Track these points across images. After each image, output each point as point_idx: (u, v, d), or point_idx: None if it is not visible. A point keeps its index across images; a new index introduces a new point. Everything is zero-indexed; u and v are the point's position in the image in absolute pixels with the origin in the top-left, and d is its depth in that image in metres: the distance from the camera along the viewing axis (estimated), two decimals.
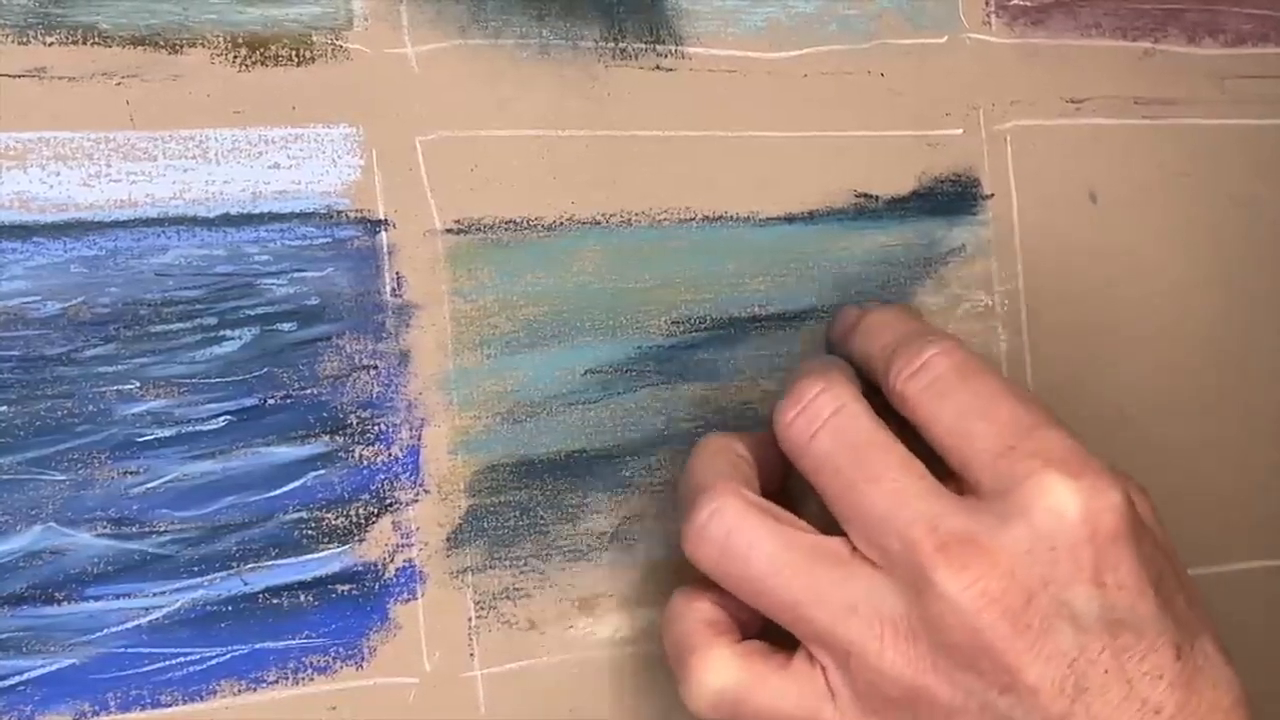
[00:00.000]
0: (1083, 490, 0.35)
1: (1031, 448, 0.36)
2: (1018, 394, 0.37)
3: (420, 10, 0.40)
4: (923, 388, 0.37)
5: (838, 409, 0.37)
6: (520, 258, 0.41)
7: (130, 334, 0.37)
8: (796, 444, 0.37)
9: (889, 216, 0.45)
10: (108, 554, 0.36)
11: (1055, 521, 0.35)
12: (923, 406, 0.37)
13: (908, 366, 0.37)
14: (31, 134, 0.36)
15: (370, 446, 0.39)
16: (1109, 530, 0.35)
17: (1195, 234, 0.49)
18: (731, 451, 0.39)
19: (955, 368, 0.37)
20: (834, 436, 0.37)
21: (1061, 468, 0.35)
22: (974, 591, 0.34)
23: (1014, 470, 0.35)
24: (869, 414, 0.37)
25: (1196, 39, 0.50)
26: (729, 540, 0.36)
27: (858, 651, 0.35)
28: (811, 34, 0.45)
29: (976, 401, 0.37)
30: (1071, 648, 0.34)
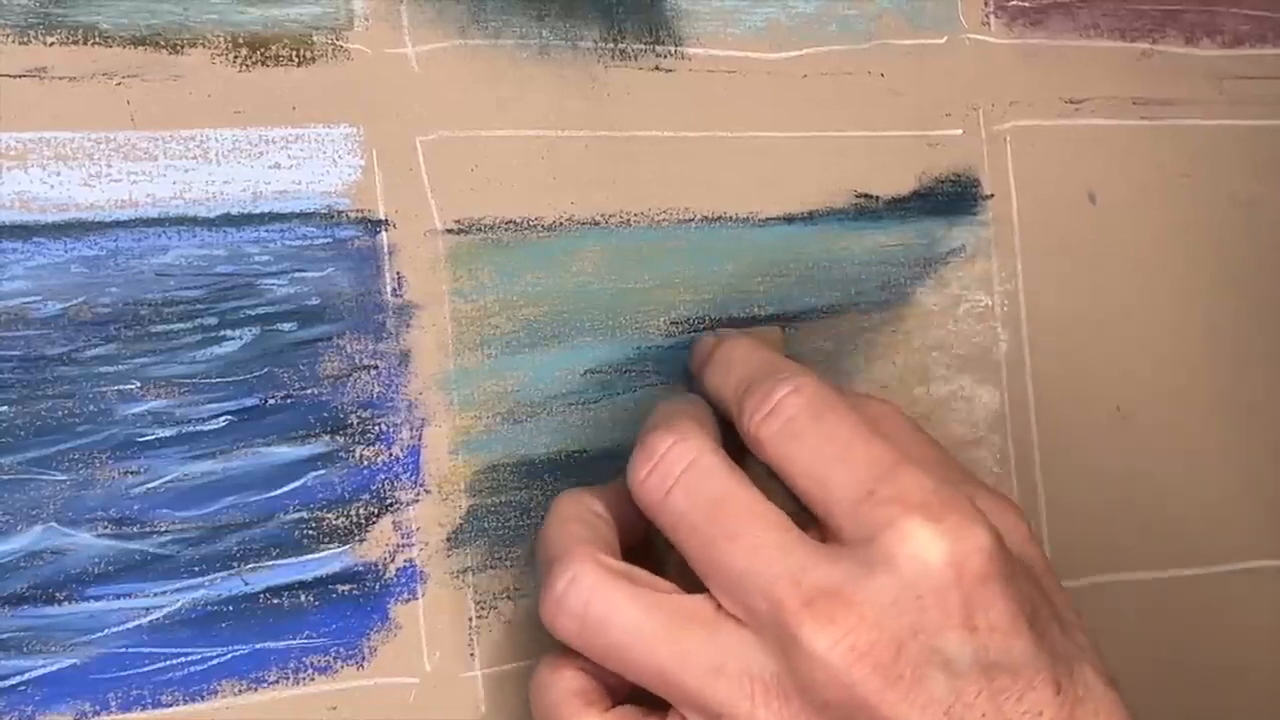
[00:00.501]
0: (946, 534, 0.34)
1: (890, 492, 0.35)
2: (875, 431, 0.36)
3: (420, 10, 0.40)
4: (775, 431, 0.36)
5: (690, 463, 0.36)
6: (520, 258, 0.41)
7: (131, 334, 0.37)
8: (651, 502, 0.36)
9: (889, 216, 0.45)
10: (108, 554, 0.36)
11: (920, 568, 0.34)
12: (777, 451, 0.36)
13: (760, 409, 0.36)
14: (32, 134, 0.36)
15: (371, 446, 0.39)
16: (976, 572, 0.34)
17: (1194, 234, 0.49)
18: (588, 511, 0.37)
19: (808, 407, 0.36)
20: (688, 493, 0.35)
21: (923, 511, 0.34)
22: (842, 647, 0.33)
23: (874, 517, 0.34)
24: (724, 466, 0.36)
25: (1195, 40, 0.50)
26: (587, 610, 0.35)
27: (728, 713, 0.34)
28: (811, 34, 0.45)
29: (831, 443, 0.36)
30: (946, 695, 0.33)
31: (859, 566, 0.34)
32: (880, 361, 0.45)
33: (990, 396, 0.46)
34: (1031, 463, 0.46)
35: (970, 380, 0.46)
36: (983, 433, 0.46)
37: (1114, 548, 0.47)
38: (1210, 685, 0.48)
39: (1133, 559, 0.47)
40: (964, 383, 0.46)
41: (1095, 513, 0.47)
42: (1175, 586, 0.48)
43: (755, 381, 0.37)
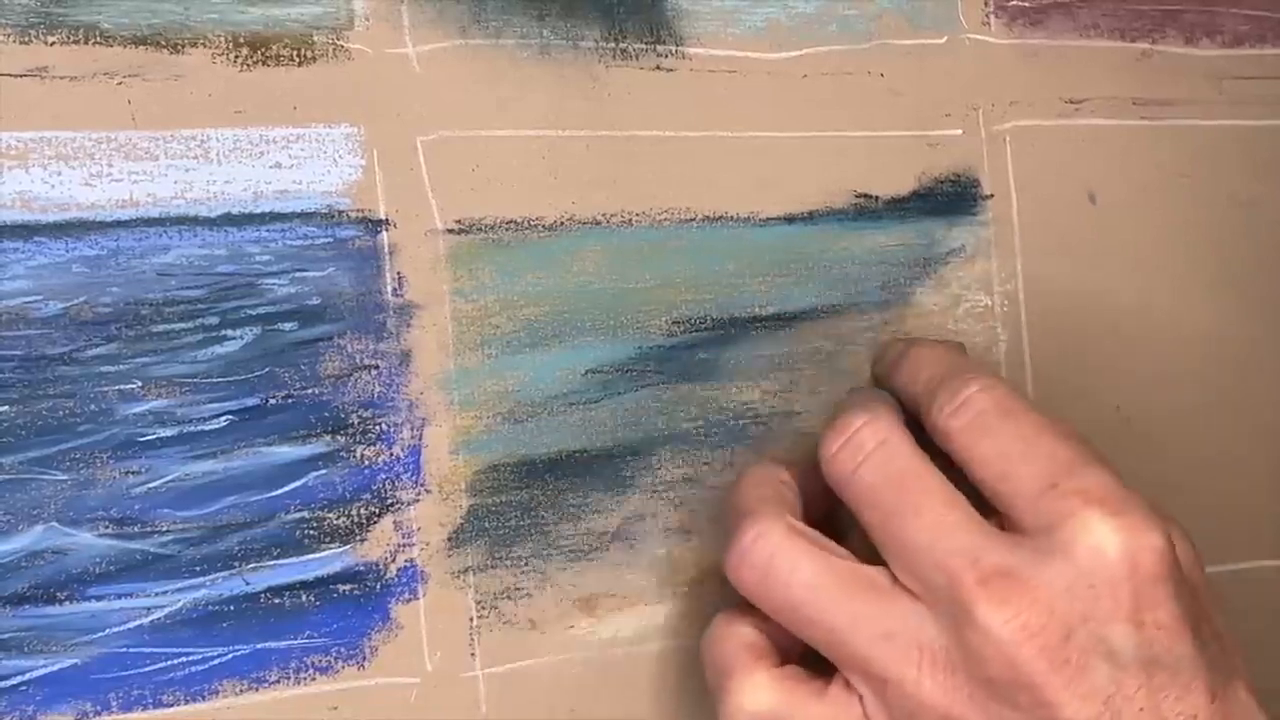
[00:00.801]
0: (1123, 529, 0.35)
1: (1073, 486, 0.36)
2: (1059, 431, 0.37)
3: (421, 10, 0.40)
4: (964, 424, 0.37)
5: (881, 442, 0.37)
6: (521, 258, 0.41)
7: (132, 334, 0.37)
8: (840, 475, 0.38)
9: (889, 216, 0.45)
10: (109, 554, 0.36)
11: (1095, 559, 0.35)
12: (964, 443, 0.37)
13: (950, 402, 0.38)
14: (33, 133, 0.36)
15: (371, 446, 0.39)
16: (1148, 570, 0.35)
17: (1194, 234, 0.49)
18: (776, 479, 0.39)
19: (996, 405, 0.37)
20: (877, 469, 0.37)
21: (1103, 506, 0.35)
22: (1014, 625, 0.34)
23: (1055, 508, 0.35)
24: (913, 447, 0.37)
25: (1194, 40, 0.50)
26: (771, 564, 0.37)
27: (895, 679, 0.35)
28: (811, 34, 0.45)
29: (1018, 439, 0.37)
30: (1108, 685, 0.34)
31: (1036, 553, 0.35)
32: None
33: None
34: None
35: None
36: None
37: None
38: None
39: None
40: None
41: None
42: None
43: (946, 379, 0.38)
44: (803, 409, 0.44)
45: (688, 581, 0.42)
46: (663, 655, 0.42)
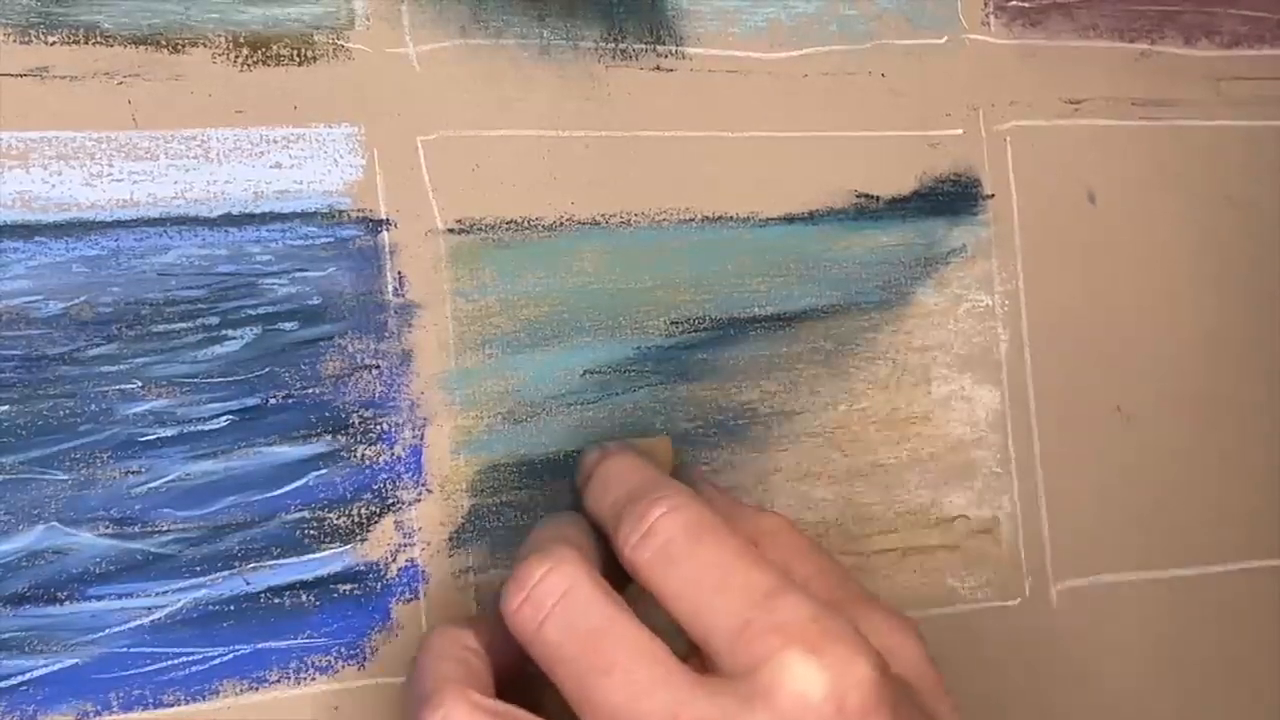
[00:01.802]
0: (826, 667, 0.32)
1: (769, 622, 0.33)
2: (753, 555, 0.34)
3: (421, 10, 0.40)
4: (651, 555, 0.34)
5: (564, 593, 0.34)
6: (521, 258, 0.41)
7: (132, 333, 0.37)
8: (524, 633, 0.34)
9: (889, 216, 0.45)
10: (110, 553, 0.36)
11: (800, 704, 0.32)
12: (653, 576, 0.34)
13: (635, 531, 0.35)
14: (34, 133, 0.36)
15: (372, 446, 0.39)
16: (857, 706, 0.32)
17: (1193, 234, 0.49)
18: (460, 647, 0.35)
19: (684, 529, 0.34)
20: (562, 625, 0.33)
21: (802, 644, 0.32)
22: None
23: (752, 649, 0.32)
24: (600, 595, 0.34)
25: (1193, 40, 0.50)
26: None
27: None
28: (812, 34, 0.45)
29: (708, 569, 0.34)
30: None
31: (738, 701, 0.32)
32: (880, 361, 0.45)
33: (990, 396, 0.46)
34: (1031, 463, 0.46)
35: (970, 380, 0.46)
36: (983, 432, 0.46)
37: (1114, 548, 0.47)
38: (1210, 685, 0.48)
39: (1133, 559, 0.47)
40: (964, 382, 0.46)
41: (1095, 513, 0.47)
42: (1175, 586, 0.48)
43: (631, 501, 0.35)
44: (802, 409, 0.44)
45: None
46: None
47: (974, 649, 0.45)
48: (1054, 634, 0.46)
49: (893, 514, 0.45)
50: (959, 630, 0.45)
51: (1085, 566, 0.47)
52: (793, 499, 0.43)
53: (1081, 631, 0.43)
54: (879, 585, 0.44)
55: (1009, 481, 0.46)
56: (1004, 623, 0.46)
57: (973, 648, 0.45)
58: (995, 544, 0.46)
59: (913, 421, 0.45)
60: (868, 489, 0.44)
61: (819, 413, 0.44)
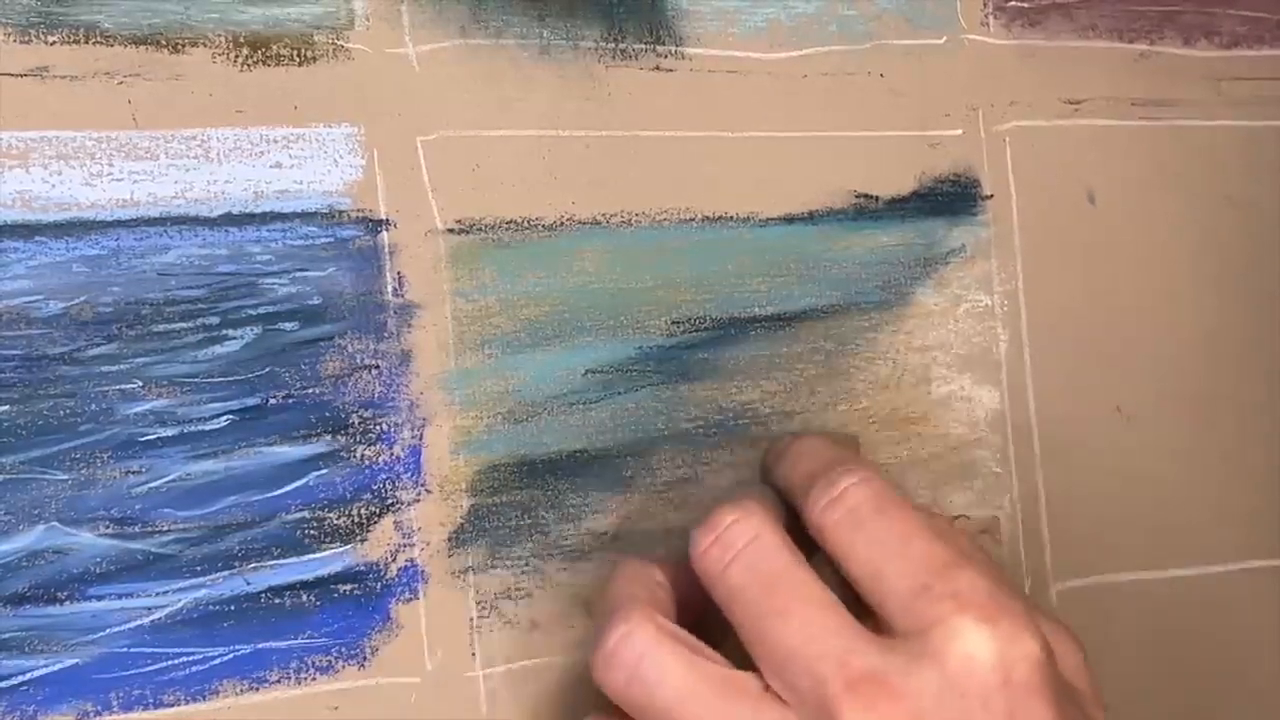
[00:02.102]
0: (998, 637, 0.34)
1: (946, 589, 0.34)
2: (936, 529, 0.36)
3: (421, 10, 0.40)
4: (838, 519, 0.36)
5: (752, 539, 0.36)
6: (521, 258, 0.41)
7: (132, 333, 0.37)
8: (710, 574, 0.36)
9: (889, 217, 0.45)
10: (110, 553, 0.36)
11: (967, 667, 0.33)
12: (838, 539, 0.36)
13: (824, 496, 0.36)
14: (34, 133, 0.36)
15: (372, 446, 0.39)
16: (1023, 681, 0.33)
17: (1192, 235, 0.49)
18: (649, 577, 0.37)
19: (872, 499, 0.36)
20: (747, 567, 0.35)
21: (977, 611, 0.34)
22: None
23: (928, 612, 0.34)
24: (784, 545, 0.36)
25: (1192, 41, 0.50)
26: (638, 667, 0.35)
27: None
28: (811, 35, 0.45)
29: (892, 536, 0.35)
30: None
31: (907, 657, 0.34)
32: (880, 361, 0.45)
33: (990, 396, 0.46)
34: (1031, 463, 0.46)
35: (970, 380, 0.46)
36: (983, 432, 0.46)
37: (1114, 548, 0.47)
38: (1210, 685, 0.48)
39: (1133, 559, 0.47)
40: (964, 383, 0.46)
41: (1095, 513, 0.47)
42: (1175, 586, 0.48)
43: (822, 472, 0.37)
44: (803, 409, 0.44)
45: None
46: None
47: None
48: None
49: None
50: None
51: (1085, 566, 0.47)
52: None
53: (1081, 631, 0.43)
54: None
55: (1009, 481, 0.46)
56: None
57: None
58: (995, 544, 0.46)
59: (913, 421, 0.45)
60: None
61: (819, 413, 0.44)
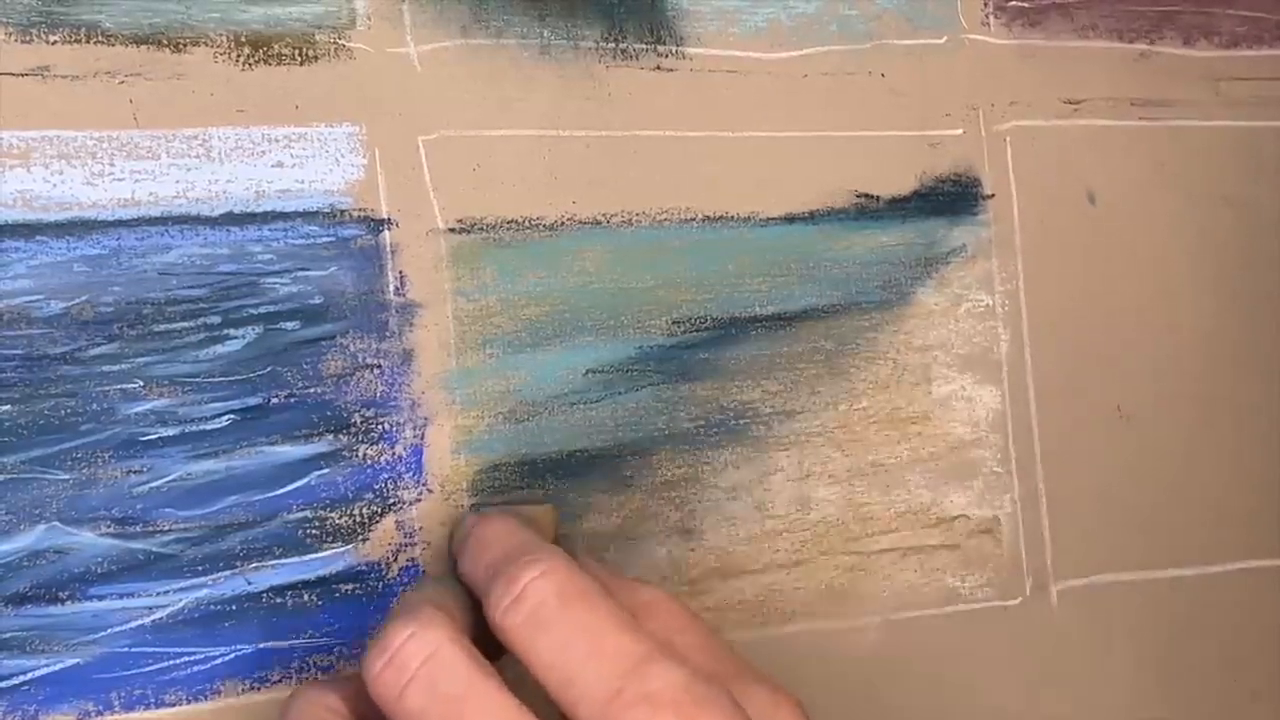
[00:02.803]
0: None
1: (640, 691, 0.32)
2: (626, 622, 0.33)
3: (422, 10, 0.40)
4: (520, 622, 0.33)
5: (429, 656, 0.32)
6: (522, 257, 0.41)
7: (134, 333, 0.37)
8: (386, 699, 0.32)
9: (890, 216, 0.45)
10: (111, 553, 0.36)
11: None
12: (523, 642, 0.33)
13: (506, 595, 0.33)
14: (35, 133, 0.36)
15: (374, 446, 0.39)
16: None
17: (1192, 234, 0.49)
18: (322, 707, 0.34)
19: (556, 593, 0.33)
20: (425, 690, 0.32)
21: (674, 712, 0.31)
22: None
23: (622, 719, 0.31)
24: (466, 658, 0.33)
25: (1192, 41, 0.50)
26: None
27: None
28: (812, 34, 0.45)
29: (579, 635, 0.33)
30: None
31: None
32: (880, 361, 0.45)
33: (991, 396, 0.46)
34: (1032, 463, 0.46)
35: (971, 380, 0.46)
36: (983, 432, 0.46)
37: (1114, 548, 0.47)
38: (1210, 685, 0.48)
39: (1133, 559, 0.47)
40: (964, 382, 0.46)
41: (1095, 513, 0.47)
42: (1175, 586, 0.48)
43: (503, 565, 0.34)
44: (803, 409, 0.44)
45: (688, 581, 0.42)
46: None
47: (974, 649, 0.45)
48: (1054, 634, 0.46)
49: (893, 514, 0.45)
50: (959, 630, 0.45)
51: (1085, 566, 0.47)
52: (793, 499, 0.43)
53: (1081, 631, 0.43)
54: (879, 585, 0.44)
55: (1009, 481, 0.46)
56: (1004, 623, 0.46)
57: (973, 648, 0.45)
58: (995, 544, 0.46)
59: (913, 421, 0.45)
60: (868, 489, 0.44)
61: (819, 412, 0.44)
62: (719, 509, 0.43)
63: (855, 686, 0.44)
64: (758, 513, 0.43)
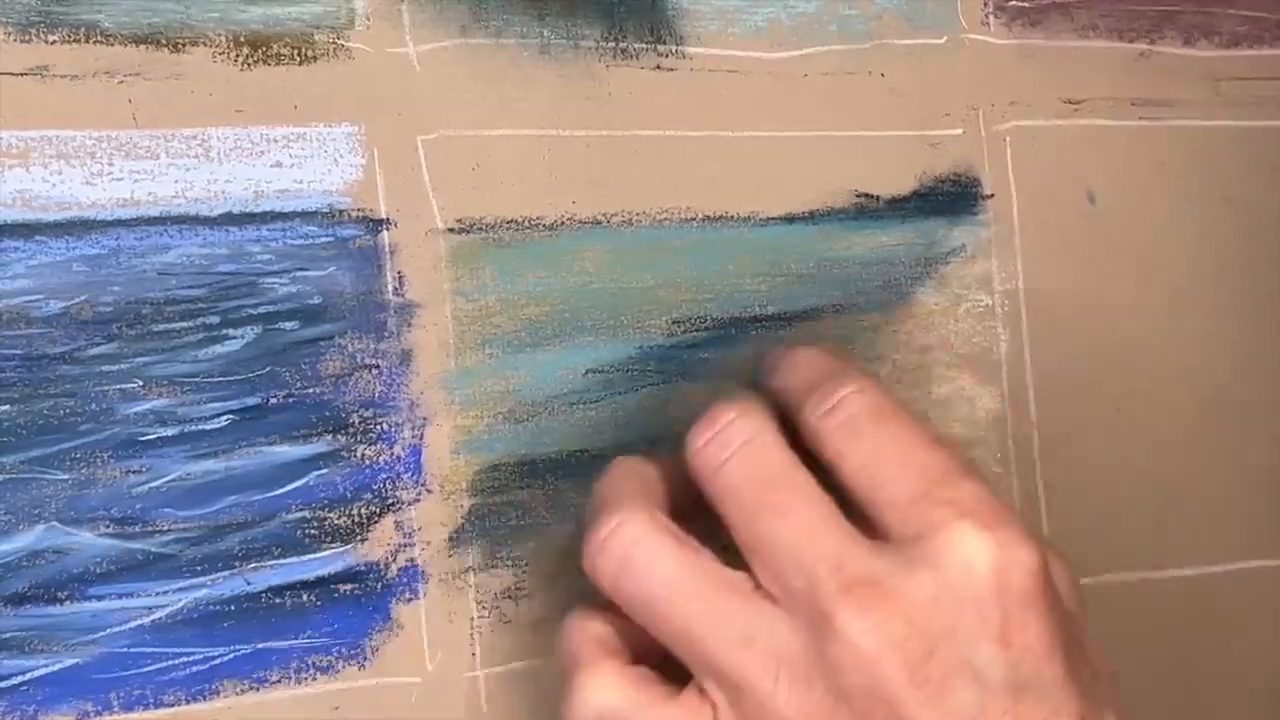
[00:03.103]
0: (996, 544, 0.33)
1: (945, 496, 0.34)
2: (933, 439, 0.36)
3: (421, 10, 0.40)
4: (836, 426, 0.36)
5: (750, 438, 0.36)
6: (522, 257, 0.41)
7: (133, 333, 0.37)
8: (705, 470, 0.36)
9: (889, 216, 0.45)
10: (110, 553, 0.36)
11: (964, 573, 0.33)
12: (836, 445, 0.36)
13: (823, 403, 0.36)
14: (34, 132, 0.36)
15: (372, 446, 0.39)
16: (1019, 589, 0.33)
17: (1192, 234, 0.49)
18: (643, 473, 0.37)
19: (870, 407, 0.36)
20: (744, 465, 0.35)
21: (975, 519, 0.34)
22: (875, 636, 0.33)
23: (926, 518, 0.34)
24: (782, 446, 0.36)
25: (1192, 40, 0.50)
26: (629, 556, 0.35)
27: (749, 688, 0.34)
28: (812, 34, 0.45)
29: (890, 444, 0.35)
30: (971, 707, 0.32)
31: (904, 562, 0.34)
32: (880, 361, 0.45)
33: (990, 396, 0.46)
34: (1031, 463, 0.46)
35: (970, 380, 0.46)
36: (983, 432, 0.46)
37: (1114, 547, 0.47)
38: (1210, 685, 0.48)
39: (1133, 559, 0.47)
40: (964, 382, 0.46)
41: (1095, 512, 0.47)
42: (1175, 586, 0.48)
43: (821, 380, 0.37)
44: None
45: None
46: None
47: None
48: None
49: None
50: None
51: (1085, 566, 0.46)
52: None
53: None
54: None
55: (1009, 481, 0.46)
56: None
57: None
58: None
59: None
60: None
61: None
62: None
63: None
64: None
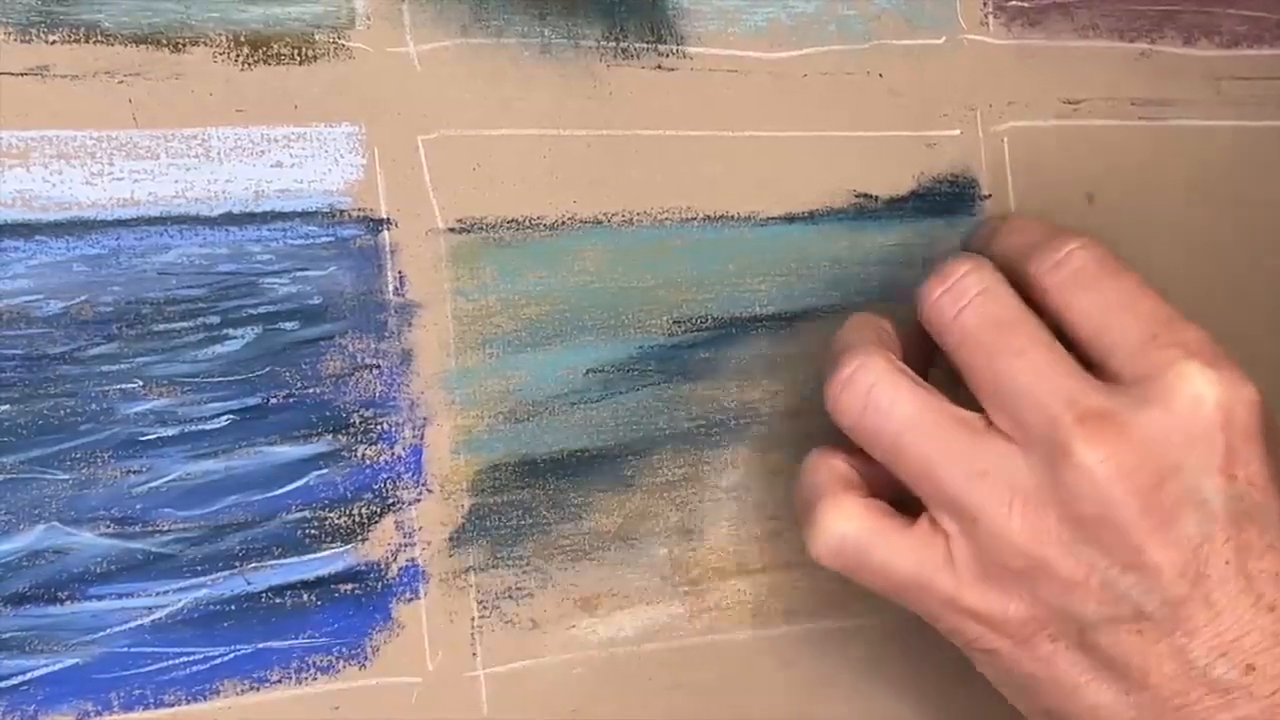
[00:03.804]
0: (1221, 381, 0.36)
1: (1172, 338, 0.36)
2: (1156, 291, 0.38)
3: (422, 9, 0.40)
4: (1063, 280, 0.38)
5: (983, 289, 0.38)
6: (522, 257, 0.41)
7: (133, 333, 0.37)
8: (941, 320, 0.38)
9: (888, 216, 0.45)
10: (111, 553, 0.36)
11: (1193, 408, 0.35)
12: (1063, 297, 0.38)
13: (1050, 258, 0.38)
14: (34, 132, 0.36)
15: (373, 446, 0.39)
16: (1243, 423, 0.36)
17: (1191, 235, 0.49)
18: (878, 325, 0.40)
19: (1096, 261, 0.38)
20: (979, 313, 0.37)
21: (1202, 358, 0.36)
22: (1109, 465, 0.35)
23: (1155, 358, 0.36)
24: (1014, 295, 0.38)
25: (1192, 40, 0.50)
26: (871, 394, 0.37)
27: (984, 517, 0.36)
28: (811, 34, 0.45)
29: (1118, 293, 0.37)
30: (1197, 534, 0.35)
31: (1135, 398, 0.36)
32: None
33: None
34: None
35: None
36: None
37: None
38: None
39: None
40: None
41: None
42: None
43: (1046, 239, 0.39)
44: (803, 409, 0.44)
45: (688, 581, 0.42)
46: (663, 655, 0.42)
47: None
48: None
49: None
50: None
51: None
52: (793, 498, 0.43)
53: None
54: None
55: None
56: None
57: None
58: None
59: None
60: None
61: (820, 412, 0.44)
62: (719, 509, 0.43)
63: (856, 686, 0.44)
64: (758, 513, 0.43)
